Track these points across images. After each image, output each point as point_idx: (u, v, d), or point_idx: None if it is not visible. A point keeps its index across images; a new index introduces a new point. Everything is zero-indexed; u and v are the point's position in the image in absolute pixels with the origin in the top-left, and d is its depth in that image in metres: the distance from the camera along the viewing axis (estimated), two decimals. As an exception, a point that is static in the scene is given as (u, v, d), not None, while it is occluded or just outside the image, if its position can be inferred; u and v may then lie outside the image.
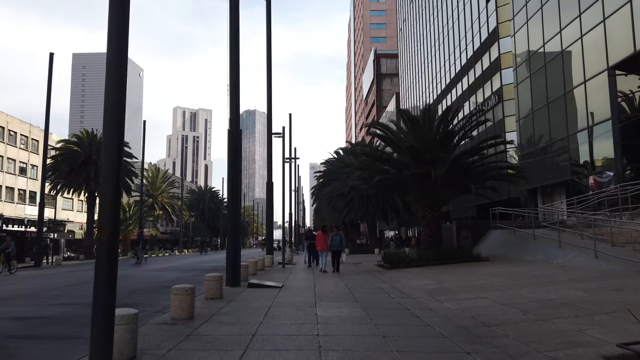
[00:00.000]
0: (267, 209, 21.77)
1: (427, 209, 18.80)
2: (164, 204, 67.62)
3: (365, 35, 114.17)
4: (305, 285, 12.12)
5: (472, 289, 10.35)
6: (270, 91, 19.48)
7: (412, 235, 56.94)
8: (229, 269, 11.40)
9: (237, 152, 11.72)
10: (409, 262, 17.91)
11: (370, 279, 14.11)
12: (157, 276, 16.04)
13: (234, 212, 11.53)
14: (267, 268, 18.84)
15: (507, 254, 18.49)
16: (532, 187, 28.27)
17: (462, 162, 17.77)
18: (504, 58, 33.45)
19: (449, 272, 14.59)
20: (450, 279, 12.53)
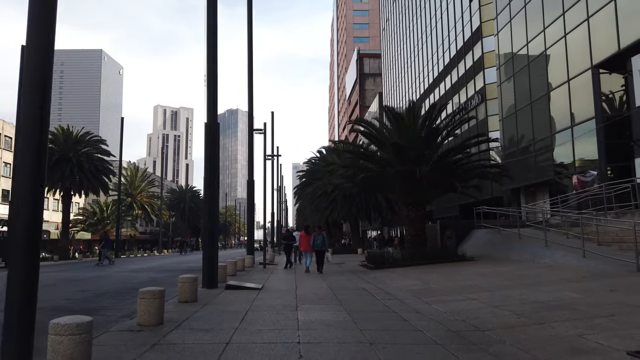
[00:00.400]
0: (248, 208, 21.14)
1: (412, 208, 18.43)
2: (143, 204, 66.20)
3: (348, 35, 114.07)
4: (286, 286, 11.57)
5: (460, 289, 9.94)
6: (251, 83, 18.86)
7: (395, 235, 56.80)
8: (205, 270, 10.78)
9: (214, 147, 11.11)
10: (394, 262, 17.51)
11: (354, 279, 13.63)
12: (130, 277, 15.28)
13: (211, 210, 10.92)
14: (248, 269, 18.23)
15: (492, 253, 18.22)
16: (516, 186, 28.21)
17: (447, 160, 17.43)
18: (487, 57, 33.40)
19: (435, 272, 14.21)
20: (436, 279, 12.13)
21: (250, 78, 19.17)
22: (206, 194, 10.97)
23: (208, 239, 10.83)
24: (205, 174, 11.04)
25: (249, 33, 19.58)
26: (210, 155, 11.02)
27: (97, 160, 46.50)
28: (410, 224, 18.73)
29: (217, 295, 9.43)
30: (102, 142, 47.98)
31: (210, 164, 10.98)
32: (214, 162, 11.03)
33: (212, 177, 10.96)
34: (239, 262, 16.72)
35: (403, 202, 18.66)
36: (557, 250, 14.18)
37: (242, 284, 11.02)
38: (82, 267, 23.10)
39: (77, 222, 56.28)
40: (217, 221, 10.97)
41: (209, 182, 10.93)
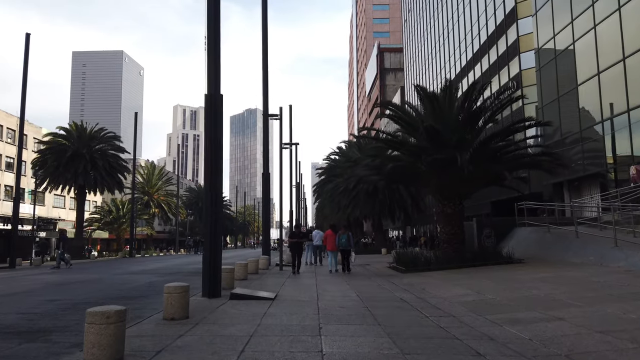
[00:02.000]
0: (264, 203, 19.10)
1: (448, 202, 16.10)
2: (160, 202, 64.98)
3: (368, 31, 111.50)
4: (305, 295, 9.42)
5: (528, 302, 7.65)
6: (266, 62, 16.80)
7: (419, 234, 54.17)
8: (205, 276, 8.70)
9: (217, 123, 9.03)
10: (427, 265, 15.22)
11: (386, 285, 11.41)
12: (124, 282, 13.34)
13: (212, 200, 8.84)
14: (262, 271, 16.16)
15: (544, 254, 15.78)
16: (558, 180, 25.57)
17: (491, 146, 15.01)
18: (523, 40, 30.70)
19: (482, 277, 11.90)
20: (489, 288, 9.83)
21: (265, 55, 17.11)
22: (207, 180, 8.91)
23: (209, 236, 8.75)
24: (205, 155, 8.97)
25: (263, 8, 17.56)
26: (212, 133, 8.95)
27: (111, 157, 45.15)
28: (445, 221, 16.39)
29: (216, 309, 7.33)
30: (116, 138, 46.66)
31: (212, 144, 8.91)
32: (216, 142, 8.96)
33: (214, 160, 8.89)
34: (251, 264, 14.66)
35: (438, 196, 16.35)
36: (632, 252, 11.70)
37: (251, 292, 8.90)
38: (82, 269, 21.37)
39: (93, 221, 55.19)
40: (221, 215, 8.89)
41: (211, 165, 8.86)
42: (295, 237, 16.02)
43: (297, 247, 15.80)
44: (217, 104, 9.08)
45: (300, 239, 16.14)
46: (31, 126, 53.71)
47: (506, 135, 15.34)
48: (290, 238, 16.22)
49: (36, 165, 42.23)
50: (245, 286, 10.70)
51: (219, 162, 9.00)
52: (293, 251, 15.83)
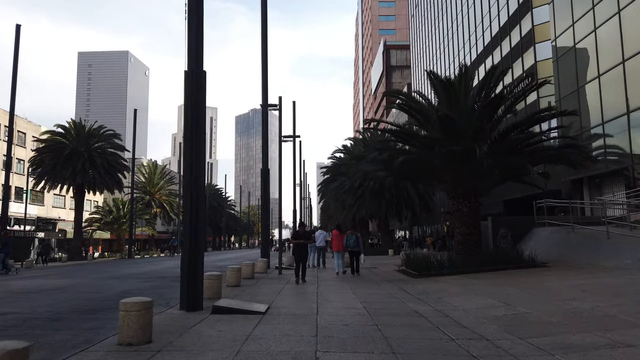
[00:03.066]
0: (262, 200, 17.73)
1: (463, 200, 14.65)
2: (162, 202, 63.82)
3: (373, 28, 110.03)
4: (303, 308, 8.02)
5: (576, 319, 6.22)
6: (265, 50, 15.44)
7: (427, 234, 52.64)
8: (183, 285, 7.33)
9: (199, 104, 7.66)
10: (441, 269, 13.79)
11: (398, 294, 10.00)
12: (103, 288, 11.99)
13: (194, 197, 7.47)
14: (259, 275, 14.80)
15: (569, 257, 14.30)
16: (578, 177, 24.03)
17: (511, 137, 13.54)
18: (538, 30, 29.15)
19: (505, 283, 10.46)
20: (518, 298, 8.39)
21: (265, 43, 15.75)
22: (186, 171, 7.54)
23: (189, 237, 7.38)
24: (184, 143, 7.61)
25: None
26: (194, 116, 7.58)
27: (111, 156, 44.05)
28: (460, 221, 14.94)
29: (189, 329, 5.94)
30: (116, 136, 45.52)
31: (193, 129, 7.54)
32: (198, 127, 7.59)
33: (195, 147, 7.52)
34: (246, 268, 13.29)
35: (452, 193, 14.90)
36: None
37: (239, 304, 7.50)
38: (65, 272, 20.08)
39: (93, 221, 54.10)
40: (203, 212, 7.52)
41: (191, 153, 7.51)
42: (300, 238, 13.10)
43: (302, 251, 13.00)
44: (200, 83, 7.71)
45: (306, 240, 13.33)
46: (30, 124, 52.67)
47: (528, 125, 13.84)
48: (294, 239, 13.26)
49: (34, 163, 41.16)
50: (236, 295, 9.32)
51: (200, 151, 7.63)
52: (297, 254, 13.01)
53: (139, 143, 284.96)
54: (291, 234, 13.63)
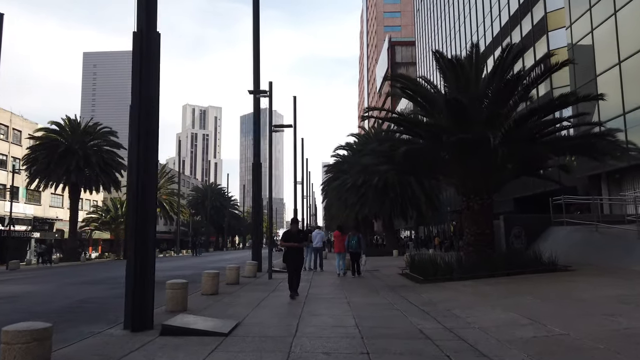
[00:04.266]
0: (254, 197, 16.26)
1: (474, 196, 13.10)
2: (162, 201, 62.46)
3: (378, 25, 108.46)
4: (279, 325, 6.51)
5: (629, 345, 4.69)
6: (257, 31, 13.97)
7: (434, 234, 50.97)
8: (128, 298, 5.86)
9: (151, 73, 6.19)
10: (450, 273, 12.26)
11: (398, 303, 8.48)
12: (64, 295, 10.52)
13: (141, 189, 6.01)
14: (246, 280, 13.32)
15: (593, 259, 12.72)
16: (595, 173, 22.37)
17: (530, 124, 11.96)
18: (551, 17, 27.48)
19: (526, 292, 8.91)
20: (547, 311, 6.85)
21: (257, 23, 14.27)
22: (133, 155, 6.08)
23: (134, 239, 5.91)
24: (131, 122, 6.16)
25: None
26: (142, 88, 6.11)
27: (107, 153, 42.82)
28: (471, 220, 13.38)
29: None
30: (112, 133, 44.26)
31: (141, 105, 6.08)
32: (148, 102, 6.12)
33: (146, 127, 6.06)
34: (230, 273, 11.82)
35: (462, 189, 13.35)
36: None
37: (197, 323, 5.99)
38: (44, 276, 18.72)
39: (91, 221, 52.90)
40: (153, 208, 6.05)
41: (138, 135, 6.05)
42: (292, 239, 9.61)
43: (295, 256, 9.68)
44: (152, 47, 6.24)
45: (299, 242, 9.84)
46: (26, 122, 51.46)
47: (548, 111, 12.22)
48: (284, 241, 9.69)
49: (28, 162, 40.00)
50: (206, 307, 7.86)
51: (152, 132, 6.16)
52: (289, 261, 9.65)
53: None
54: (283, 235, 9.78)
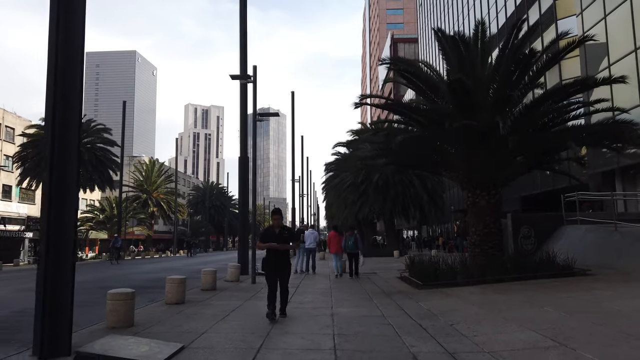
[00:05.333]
0: (240, 193, 14.95)
1: (480, 191, 11.75)
2: (159, 200, 61.37)
3: (381, 23, 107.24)
4: (237, 348, 5.17)
5: None
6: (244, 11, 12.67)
7: (437, 234, 49.55)
8: (37, 317, 4.55)
9: (69, 18, 4.89)
10: (453, 277, 10.91)
11: (392, 315, 7.15)
12: (2, 305, 9.26)
13: (54, 181, 4.71)
14: (228, 284, 12.01)
15: (616, 263, 11.35)
16: (609, 169, 21.01)
17: (543, 110, 10.58)
18: (560, 6, 26.06)
19: (545, 301, 7.56)
20: (574, 329, 5.50)
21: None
22: (49, 112, 4.78)
23: (45, 239, 4.60)
24: (48, 69, 4.86)
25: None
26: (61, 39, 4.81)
27: (100, 151, 41.64)
28: (477, 217, 12.02)
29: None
30: (106, 130, 43.06)
31: (58, 55, 4.78)
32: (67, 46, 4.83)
33: (64, 72, 4.76)
34: (205, 277, 10.50)
35: (466, 183, 12.00)
36: None
37: (122, 350, 4.66)
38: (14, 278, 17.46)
39: (86, 221, 51.74)
40: (74, 191, 4.77)
41: (55, 86, 4.74)
42: (274, 239, 6.98)
43: (278, 263, 7.05)
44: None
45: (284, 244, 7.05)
46: (19, 119, 50.39)
47: (565, 95, 10.82)
48: (263, 241, 7.06)
49: (19, 159, 38.86)
50: (161, 320, 6.54)
51: (72, 82, 4.86)
52: (268, 271, 7.04)
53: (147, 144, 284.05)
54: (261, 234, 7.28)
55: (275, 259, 6.99)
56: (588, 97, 18.81)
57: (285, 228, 7.26)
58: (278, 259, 7.01)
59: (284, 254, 7.13)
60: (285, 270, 7.18)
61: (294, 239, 7.65)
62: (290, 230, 7.51)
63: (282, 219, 7.30)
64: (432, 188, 32.58)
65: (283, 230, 7.16)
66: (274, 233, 7.06)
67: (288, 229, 7.38)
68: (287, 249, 7.15)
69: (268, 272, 7.05)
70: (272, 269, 7.04)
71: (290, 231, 7.47)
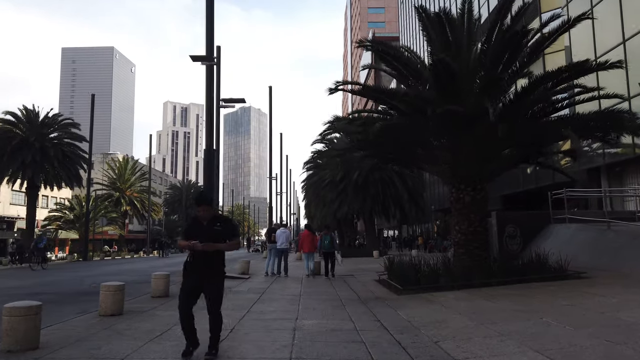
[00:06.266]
0: (205, 177, 13.62)
1: (465, 186, 10.73)
2: (133, 199, 59.30)
3: (362, 21, 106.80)
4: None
5: None
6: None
7: (419, 233, 48.84)
8: None
9: None
10: (436, 280, 9.86)
11: (365, 328, 6.02)
12: None
13: None
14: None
15: (612, 264, 10.45)
16: (594, 166, 20.37)
17: (537, 96, 9.59)
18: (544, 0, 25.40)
19: (542, 309, 6.54)
20: (585, 349, 4.45)
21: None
22: None
23: None
24: None
25: None
26: None
27: (67, 146, 39.68)
28: (461, 215, 11.00)
29: None
30: (74, 125, 41.13)
31: None
32: None
33: None
34: (158, 283, 9.20)
35: (450, 178, 10.97)
36: None
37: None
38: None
39: (53, 220, 49.51)
40: None
41: None
42: (202, 235, 4.69)
43: (204, 269, 4.72)
44: None
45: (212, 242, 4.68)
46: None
47: (561, 80, 9.81)
48: (186, 237, 4.82)
49: (-23, 154, 36.62)
50: (79, 339, 5.27)
51: None
52: (188, 280, 4.78)
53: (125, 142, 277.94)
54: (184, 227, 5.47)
55: (200, 265, 4.65)
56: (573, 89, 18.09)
57: (218, 219, 4.97)
58: (204, 265, 4.65)
59: (213, 258, 4.69)
60: (213, 283, 4.70)
61: (231, 235, 4.92)
62: (226, 222, 5.07)
63: (212, 207, 5.06)
64: (412, 187, 31.76)
65: (214, 222, 4.81)
66: (201, 227, 4.77)
67: (223, 221, 5.05)
68: (216, 249, 4.68)
69: (185, 283, 4.73)
70: (192, 281, 4.68)
71: (226, 224, 4.99)
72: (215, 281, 4.75)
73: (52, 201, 57.03)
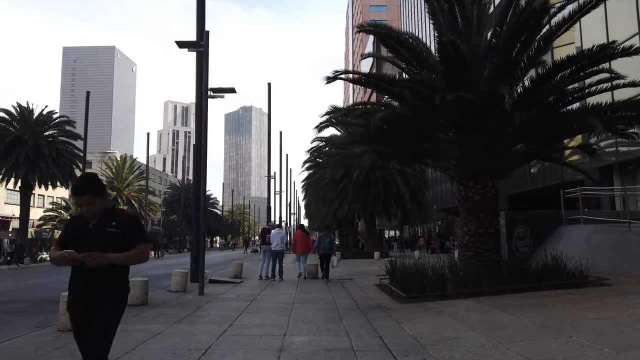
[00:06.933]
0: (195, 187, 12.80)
1: (474, 183, 9.80)
2: (130, 198, 58.43)
3: (364, 19, 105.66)
4: None
5: None
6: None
7: (420, 234, 47.85)
8: None
9: None
10: (442, 287, 8.93)
11: (369, 351, 5.11)
12: None
13: None
14: (171, 295, 9.84)
15: (635, 269, 9.52)
16: (606, 164, 19.43)
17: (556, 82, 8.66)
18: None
19: (568, 324, 5.62)
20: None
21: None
22: None
23: None
24: None
25: None
26: None
27: (61, 144, 38.87)
28: (470, 214, 10.05)
29: None
30: (69, 123, 40.30)
31: None
32: None
33: None
34: (135, 290, 8.29)
35: (458, 174, 10.05)
36: None
37: None
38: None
39: (48, 219, 48.71)
40: None
41: None
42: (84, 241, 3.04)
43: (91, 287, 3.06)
44: None
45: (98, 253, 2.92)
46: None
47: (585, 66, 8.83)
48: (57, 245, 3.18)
49: (-29, 153, 35.82)
50: (40, 355, 4.35)
51: None
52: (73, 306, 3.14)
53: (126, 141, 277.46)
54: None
55: (82, 288, 3.07)
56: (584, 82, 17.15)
57: (113, 216, 3.15)
58: (88, 287, 3.04)
59: (104, 276, 3.00)
60: (100, 314, 3.02)
61: (134, 240, 3.12)
62: (127, 220, 3.20)
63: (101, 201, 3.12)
64: (414, 185, 30.87)
65: (106, 221, 3.10)
66: (86, 229, 3.11)
67: (123, 218, 3.19)
68: (107, 262, 2.95)
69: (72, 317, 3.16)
70: (79, 311, 3.08)
71: (127, 223, 3.17)
72: (103, 312, 3.01)
73: (48, 200, 56.29)
